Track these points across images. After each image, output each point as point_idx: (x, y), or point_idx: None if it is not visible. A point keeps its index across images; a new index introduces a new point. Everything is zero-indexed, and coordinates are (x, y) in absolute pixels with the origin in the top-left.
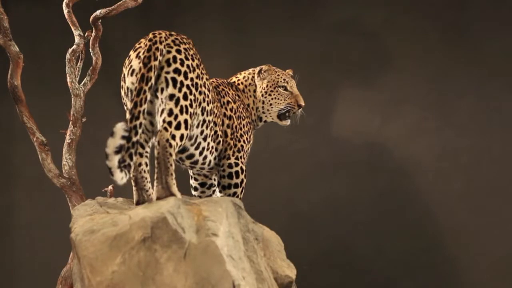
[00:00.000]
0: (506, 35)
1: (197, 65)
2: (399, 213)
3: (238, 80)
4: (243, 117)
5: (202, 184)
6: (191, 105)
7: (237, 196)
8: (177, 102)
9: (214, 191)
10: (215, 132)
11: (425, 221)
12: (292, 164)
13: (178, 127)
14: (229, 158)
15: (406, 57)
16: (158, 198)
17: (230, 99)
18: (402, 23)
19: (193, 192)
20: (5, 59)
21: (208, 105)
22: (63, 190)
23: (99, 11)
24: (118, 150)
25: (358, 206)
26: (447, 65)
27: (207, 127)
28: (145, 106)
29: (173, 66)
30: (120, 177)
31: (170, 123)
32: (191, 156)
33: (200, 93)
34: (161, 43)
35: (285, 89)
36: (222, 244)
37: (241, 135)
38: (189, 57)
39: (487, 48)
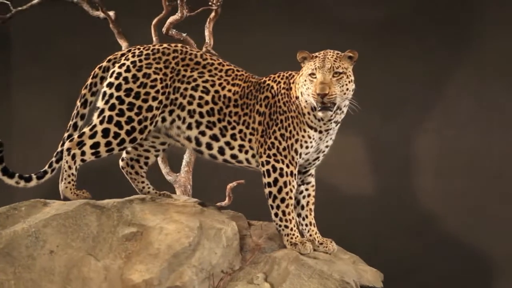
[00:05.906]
0: (506, 35)
1: (145, 74)
2: (399, 212)
3: (301, 70)
4: (281, 112)
5: None
6: (121, 115)
7: (275, 197)
8: (100, 113)
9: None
10: (240, 131)
11: (425, 220)
12: None
13: (93, 136)
14: (261, 156)
15: (406, 57)
16: None
17: (270, 94)
18: (402, 22)
19: None
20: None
21: (201, 107)
22: None
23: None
24: None
25: (358, 206)
26: (447, 65)
27: (210, 128)
28: (76, 120)
29: (108, 80)
30: (14, 182)
31: (81, 134)
32: (213, 156)
33: (147, 100)
34: (109, 61)
35: (315, 76)
36: None
37: (274, 132)
38: (133, 69)
39: (487, 48)
